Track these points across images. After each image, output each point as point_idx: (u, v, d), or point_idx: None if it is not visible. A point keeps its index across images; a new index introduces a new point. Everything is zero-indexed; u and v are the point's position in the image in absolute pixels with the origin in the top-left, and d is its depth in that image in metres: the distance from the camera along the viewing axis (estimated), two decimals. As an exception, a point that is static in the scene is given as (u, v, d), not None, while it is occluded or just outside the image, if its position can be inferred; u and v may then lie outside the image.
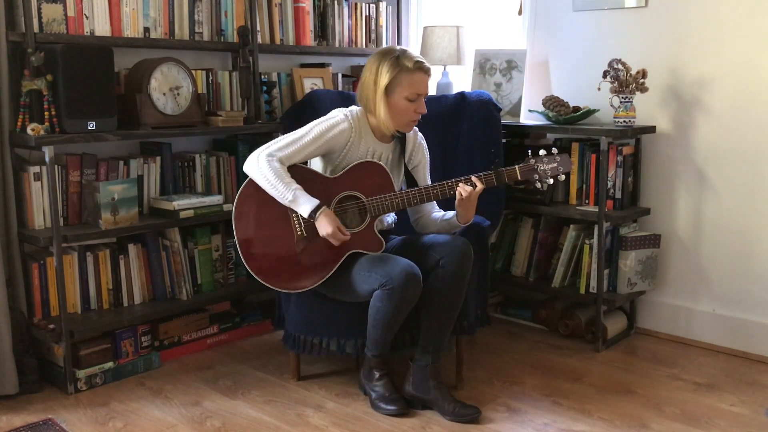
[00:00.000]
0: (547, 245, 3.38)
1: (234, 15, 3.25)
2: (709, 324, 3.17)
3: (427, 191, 2.53)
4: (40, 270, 2.77)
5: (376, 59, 2.55)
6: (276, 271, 2.52)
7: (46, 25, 2.68)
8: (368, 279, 2.44)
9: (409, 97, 2.51)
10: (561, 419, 2.51)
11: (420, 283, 2.42)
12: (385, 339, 2.51)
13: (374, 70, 2.53)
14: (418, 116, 2.56)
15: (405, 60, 2.51)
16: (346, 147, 2.57)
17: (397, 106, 2.52)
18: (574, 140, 3.30)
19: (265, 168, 2.43)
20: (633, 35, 3.25)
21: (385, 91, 2.51)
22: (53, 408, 2.59)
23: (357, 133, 2.57)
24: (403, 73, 2.50)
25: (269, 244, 2.52)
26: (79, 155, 2.85)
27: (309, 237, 2.49)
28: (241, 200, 2.54)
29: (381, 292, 2.40)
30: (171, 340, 3.05)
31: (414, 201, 2.54)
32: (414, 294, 2.42)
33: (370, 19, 3.84)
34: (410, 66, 2.50)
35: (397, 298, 2.38)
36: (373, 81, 2.54)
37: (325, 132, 2.52)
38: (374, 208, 2.53)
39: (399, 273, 2.37)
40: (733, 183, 3.07)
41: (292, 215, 2.50)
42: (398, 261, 2.43)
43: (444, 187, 2.52)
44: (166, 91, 2.90)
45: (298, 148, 2.49)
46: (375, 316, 2.45)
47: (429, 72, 2.56)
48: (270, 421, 2.51)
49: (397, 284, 2.37)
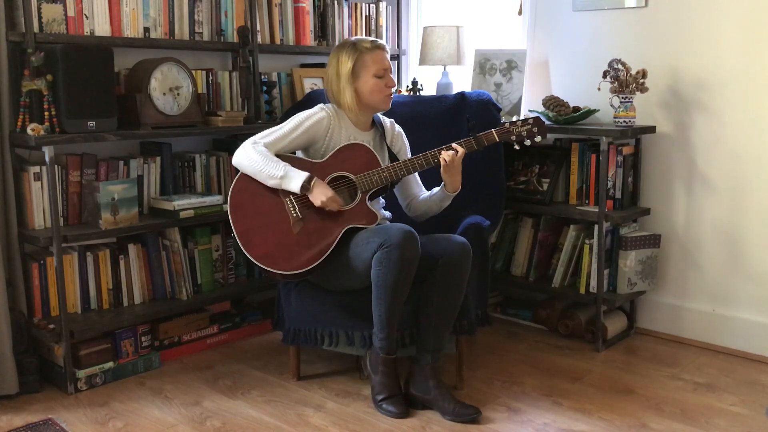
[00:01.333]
0: (547, 245, 3.38)
1: (234, 15, 3.25)
2: (709, 324, 3.17)
3: (412, 162, 2.62)
4: (40, 270, 2.77)
5: (335, 53, 2.70)
6: (277, 254, 2.54)
7: (46, 25, 2.68)
8: (367, 247, 2.46)
9: (377, 74, 2.64)
10: (561, 419, 2.51)
11: (417, 243, 2.44)
12: (391, 314, 2.47)
13: (335, 63, 2.68)
14: (390, 90, 2.68)
15: (361, 43, 2.67)
16: (327, 135, 2.65)
17: (368, 85, 2.64)
18: (574, 140, 3.30)
19: (251, 153, 2.53)
20: (633, 35, 3.25)
21: (350, 77, 2.63)
22: (53, 408, 2.59)
23: (336, 121, 2.66)
24: (364, 55, 2.64)
25: (267, 231, 2.55)
26: (79, 155, 2.85)
27: (304, 218, 2.54)
28: (234, 193, 2.58)
29: (380, 253, 2.41)
30: (171, 340, 3.05)
31: (401, 173, 2.62)
32: (412, 253, 2.42)
33: (370, 19, 3.84)
34: (368, 46, 2.66)
35: (395, 256, 2.39)
36: (335, 73, 2.67)
37: (304, 120, 2.63)
38: (364, 184, 2.59)
39: (396, 232, 2.42)
40: (733, 183, 3.07)
41: (285, 200, 2.55)
42: (394, 224, 2.50)
43: (428, 156, 2.62)
44: (166, 91, 2.90)
45: (280, 135, 2.60)
46: (377, 284, 2.44)
47: (385, 49, 2.71)
48: (270, 421, 2.51)
49: (394, 242, 2.39)
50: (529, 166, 3.39)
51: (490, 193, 3.08)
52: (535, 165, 3.37)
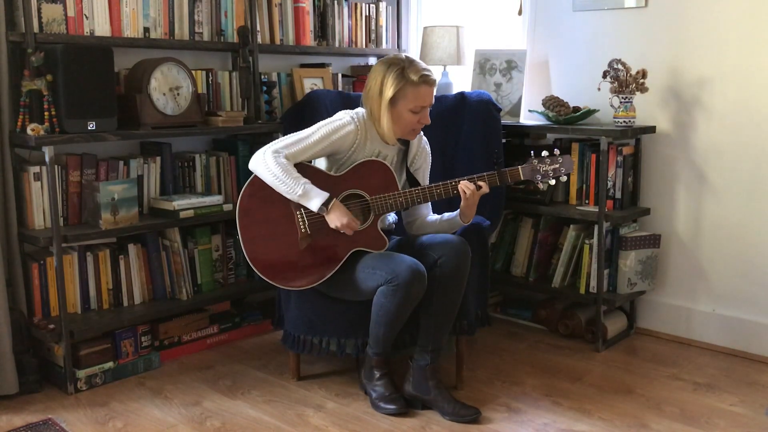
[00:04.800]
0: (547, 245, 3.38)
1: (234, 15, 3.25)
2: (709, 324, 3.17)
3: (430, 190, 2.53)
4: (40, 270, 2.77)
5: (382, 69, 2.53)
6: (280, 269, 2.53)
7: (46, 25, 2.68)
8: (373, 276, 2.44)
9: (414, 110, 2.52)
10: (561, 419, 2.51)
11: (425, 282, 2.43)
12: (387, 336, 2.51)
13: (379, 80, 2.52)
14: (420, 126, 2.57)
15: (410, 72, 2.49)
16: (352, 148, 2.57)
17: (401, 117, 2.53)
18: (574, 140, 3.30)
19: (272, 164, 2.44)
20: (633, 35, 3.25)
21: (389, 102, 2.51)
22: (53, 408, 2.59)
23: (363, 135, 2.57)
24: (408, 86, 2.49)
25: (273, 243, 2.53)
26: (79, 155, 2.85)
27: (313, 234, 2.50)
28: (244, 199, 2.55)
29: (386, 288, 2.40)
30: (171, 340, 3.05)
31: (417, 200, 2.55)
32: (419, 291, 2.42)
33: (370, 19, 3.84)
34: (415, 79, 2.49)
35: (402, 294, 2.39)
36: (378, 91, 2.52)
37: (331, 133, 2.52)
38: (378, 207, 2.54)
39: (405, 270, 2.39)
40: (733, 183, 3.07)
41: (296, 212, 2.51)
42: (404, 258, 2.44)
43: (447, 186, 2.52)
44: (166, 91, 2.90)
45: (304, 147, 2.49)
46: (378, 313, 2.45)
47: (434, 84, 2.55)
48: (270, 421, 2.51)
49: (402, 281, 2.37)
50: (529, 166, 3.39)
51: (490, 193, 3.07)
52: (535, 165, 3.37)
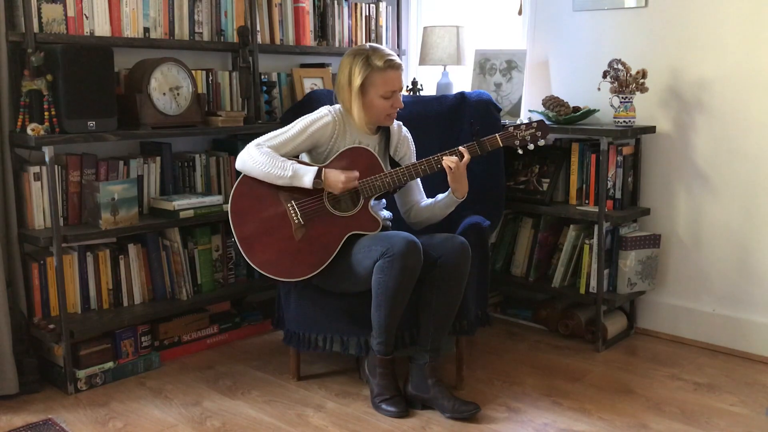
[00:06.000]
0: (547, 245, 3.38)
1: (234, 15, 3.25)
2: (709, 324, 3.17)
3: (415, 167, 2.57)
4: (40, 270, 2.77)
5: (348, 60, 2.60)
6: (279, 261, 2.54)
7: (46, 25, 2.68)
8: (369, 254, 2.46)
9: (384, 95, 2.57)
10: (561, 419, 2.51)
11: (420, 254, 2.43)
12: (389, 322, 2.48)
13: (347, 71, 2.59)
14: (394, 110, 2.63)
15: (375, 59, 2.56)
16: (331, 140, 2.62)
17: (374, 104, 2.59)
18: (574, 140, 3.30)
19: (256, 155, 2.50)
20: (633, 35, 3.25)
21: (359, 91, 2.56)
22: (53, 408, 2.59)
23: (341, 127, 2.62)
24: (375, 73, 2.56)
25: (268, 237, 2.54)
26: (79, 155, 2.85)
27: (306, 225, 2.53)
28: (235, 199, 2.57)
29: (382, 261, 2.40)
30: (171, 340, 3.05)
31: (404, 178, 2.57)
32: (415, 263, 2.42)
33: (370, 19, 3.84)
34: (381, 65, 2.55)
35: (399, 266, 2.38)
36: (347, 81, 2.59)
37: (309, 125, 2.59)
38: (366, 190, 2.57)
39: (399, 241, 2.40)
40: (733, 183, 3.07)
41: (287, 205, 2.53)
42: (398, 233, 2.48)
43: (431, 161, 2.57)
44: (166, 91, 2.90)
45: (284, 140, 2.56)
46: (377, 293, 2.44)
47: (400, 68, 2.61)
48: (270, 421, 2.51)
49: (398, 251, 2.38)
50: (529, 166, 3.39)
51: (490, 193, 3.08)
52: (535, 165, 3.37)
